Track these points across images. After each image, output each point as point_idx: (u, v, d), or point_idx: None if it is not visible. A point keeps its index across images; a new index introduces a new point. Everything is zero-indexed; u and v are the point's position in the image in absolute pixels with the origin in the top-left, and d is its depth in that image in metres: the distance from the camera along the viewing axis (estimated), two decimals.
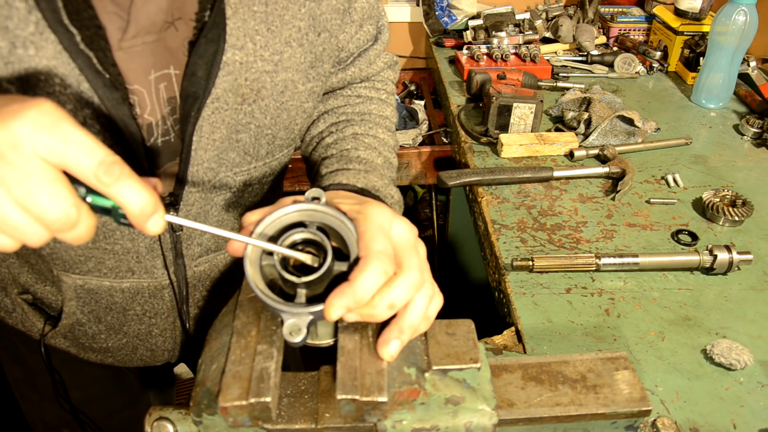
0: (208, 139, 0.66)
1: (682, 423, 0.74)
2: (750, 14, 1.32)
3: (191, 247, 0.77)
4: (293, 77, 0.70)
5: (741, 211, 1.05)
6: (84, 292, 0.77)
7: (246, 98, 0.67)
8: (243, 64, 0.64)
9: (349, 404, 0.50)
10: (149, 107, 0.63)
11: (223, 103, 0.65)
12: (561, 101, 1.42)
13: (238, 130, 0.68)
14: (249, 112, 0.68)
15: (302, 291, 0.51)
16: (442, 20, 1.90)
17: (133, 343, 0.86)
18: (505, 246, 1.02)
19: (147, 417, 0.55)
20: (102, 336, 0.84)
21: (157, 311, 0.82)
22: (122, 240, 0.71)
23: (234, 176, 0.73)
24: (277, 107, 0.70)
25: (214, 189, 0.72)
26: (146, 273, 0.76)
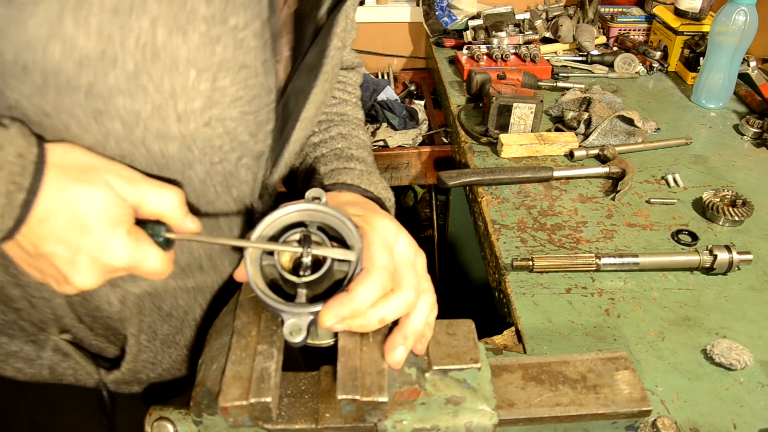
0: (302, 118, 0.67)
1: (682, 423, 0.74)
2: (750, 14, 1.32)
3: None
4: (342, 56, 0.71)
5: (741, 211, 1.05)
6: (148, 299, 0.70)
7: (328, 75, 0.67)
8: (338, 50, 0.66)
9: (350, 404, 0.50)
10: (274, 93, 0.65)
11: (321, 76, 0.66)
12: (561, 101, 1.42)
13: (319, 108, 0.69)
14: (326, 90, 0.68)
15: (302, 291, 0.51)
16: (442, 20, 1.90)
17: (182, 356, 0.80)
18: (505, 246, 1.02)
19: (147, 417, 0.55)
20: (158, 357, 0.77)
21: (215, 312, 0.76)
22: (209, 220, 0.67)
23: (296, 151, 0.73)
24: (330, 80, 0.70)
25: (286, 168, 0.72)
26: (213, 270, 0.73)
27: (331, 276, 0.53)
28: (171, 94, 0.52)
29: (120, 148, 0.54)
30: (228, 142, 0.59)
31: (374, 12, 2.11)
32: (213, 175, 0.61)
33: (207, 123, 0.56)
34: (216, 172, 0.60)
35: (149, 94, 0.52)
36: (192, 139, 0.56)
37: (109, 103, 0.51)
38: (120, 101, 0.51)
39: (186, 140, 0.56)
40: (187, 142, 0.56)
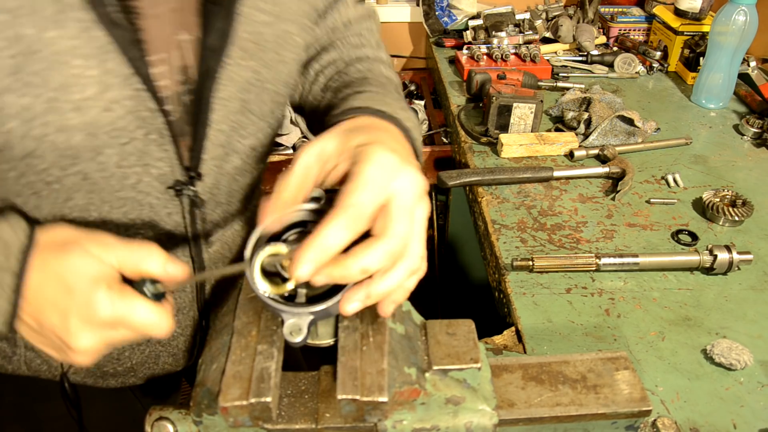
0: (219, 99, 0.65)
1: (682, 423, 0.74)
2: (750, 14, 1.32)
3: (206, 226, 0.75)
4: (290, 28, 0.69)
5: (741, 211, 1.05)
6: None
7: (250, 53, 0.65)
8: (244, 16, 0.63)
9: (350, 404, 0.50)
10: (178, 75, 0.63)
11: (229, 58, 0.63)
12: (561, 101, 1.42)
13: (245, 88, 0.67)
14: (253, 67, 0.66)
15: (302, 291, 0.51)
16: (442, 20, 1.90)
17: (156, 351, 0.83)
18: (505, 246, 1.02)
19: (147, 417, 0.55)
20: (126, 353, 0.81)
21: (179, 307, 0.79)
22: (143, 229, 0.69)
23: (242, 140, 0.72)
24: (278, 60, 0.69)
25: (226, 156, 0.71)
26: None
27: None
28: (62, 86, 0.53)
29: (24, 146, 0.55)
30: (132, 121, 0.59)
31: None
32: (126, 156, 0.61)
33: (106, 108, 0.56)
34: (128, 153, 0.61)
35: (38, 89, 0.53)
36: (95, 125, 0.57)
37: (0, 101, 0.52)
38: (9, 99, 0.52)
39: (89, 128, 0.57)
40: (91, 129, 0.57)
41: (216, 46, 0.62)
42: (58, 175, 0.60)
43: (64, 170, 0.59)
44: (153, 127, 0.61)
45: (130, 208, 0.66)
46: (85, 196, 0.63)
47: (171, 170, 0.66)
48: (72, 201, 0.63)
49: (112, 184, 0.63)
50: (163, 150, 0.63)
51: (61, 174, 0.60)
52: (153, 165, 0.64)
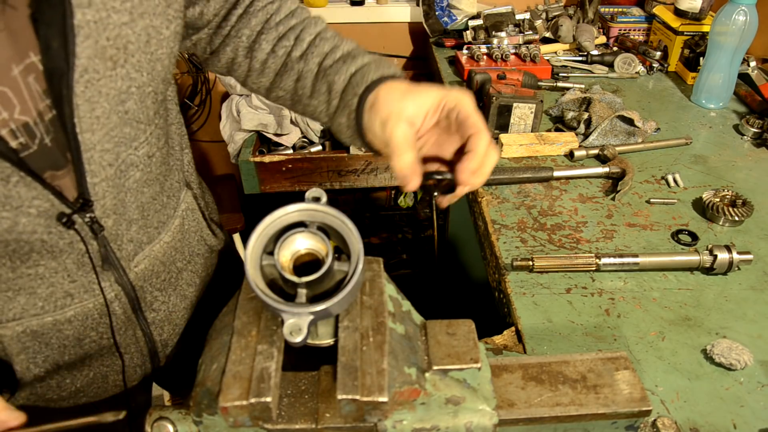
0: (91, 117, 0.60)
1: (682, 423, 0.74)
2: (750, 14, 1.32)
3: (123, 246, 0.72)
4: (153, 22, 0.64)
5: (741, 211, 1.05)
6: (29, 339, 0.70)
7: (116, 60, 0.60)
8: (98, 23, 0.58)
9: (350, 404, 0.50)
10: (19, 106, 0.57)
11: (94, 73, 0.59)
12: (561, 101, 1.42)
13: (122, 99, 0.62)
14: (124, 75, 0.62)
15: (302, 291, 0.51)
16: (442, 20, 1.90)
17: (101, 372, 0.80)
18: (505, 246, 1.02)
19: (147, 417, 0.55)
20: (67, 380, 0.78)
21: (113, 329, 0.76)
22: (43, 260, 0.65)
23: (135, 151, 0.67)
24: (150, 59, 0.64)
25: (121, 173, 0.67)
26: (86, 292, 0.71)
27: (332, 276, 0.53)
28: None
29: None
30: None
31: (374, 12, 2.11)
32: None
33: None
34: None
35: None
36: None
37: None
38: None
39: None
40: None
41: (60, 70, 0.56)
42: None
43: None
44: (10, 170, 0.56)
45: (18, 246, 0.62)
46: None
47: (51, 205, 0.61)
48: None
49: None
50: (32, 189, 0.59)
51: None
52: (27, 206, 0.59)
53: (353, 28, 2.11)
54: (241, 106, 1.95)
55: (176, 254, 0.82)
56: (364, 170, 1.88)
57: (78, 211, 0.64)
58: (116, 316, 0.76)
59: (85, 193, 0.64)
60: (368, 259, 0.58)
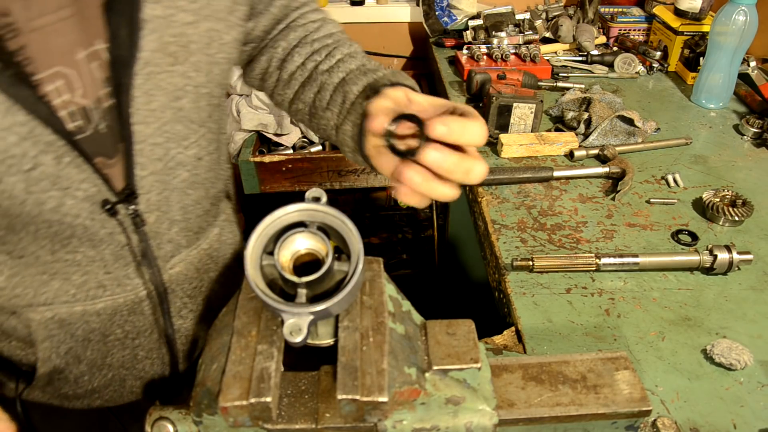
0: (146, 110, 0.62)
1: (682, 423, 0.74)
2: (750, 14, 1.32)
3: (162, 246, 0.72)
4: (216, 26, 0.66)
5: (741, 211, 1.05)
6: (56, 326, 0.70)
7: (177, 57, 0.62)
8: (164, 19, 0.60)
9: (350, 404, 0.50)
10: (81, 90, 0.58)
11: (155, 66, 0.61)
12: (561, 101, 1.42)
13: (177, 96, 0.64)
14: (183, 72, 0.64)
15: (302, 291, 0.51)
16: (442, 20, 1.90)
17: (120, 375, 0.80)
18: (505, 246, 1.02)
19: (147, 417, 0.55)
20: (85, 377, 0.77)
21: (139, 330, 0.76)
22: (82, 247, 0.66)
23: (185, 150, 0.69)
24: (209, 61, 0.66)
25: (169, 170, 0.68)
26: (119, 286, 0.71)
27: (332, 276, 0.53)
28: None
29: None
30: (31, 147, 0.56)
31: (374, 12, 2.11)
32: (35, 182, 0.58)
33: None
34: (37, 179, 0.58)
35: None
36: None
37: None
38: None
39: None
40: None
41: (123, 57, 0.58)
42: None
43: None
44: (63, 150, 0.58)
45: (60, 229, 0.63)
46: (2, 219, 0.60)
47: (98, 191, 0.62)
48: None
49: (27, 210, 0.60)
50: (81, 171, 0.60)
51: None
52: (75, 188, 0.61)
53: (353, 28, 2.11)
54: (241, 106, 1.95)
55: (211, 263, 0.82)
56: (364, 170, 1.88)
57: (123, 201, 0.64)
58: (144, 317, 0.76)
59: (131, 185, 0.65)
60: (368, 259, 0.59)
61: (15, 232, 0.62)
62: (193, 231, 0.77)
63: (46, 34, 0.55)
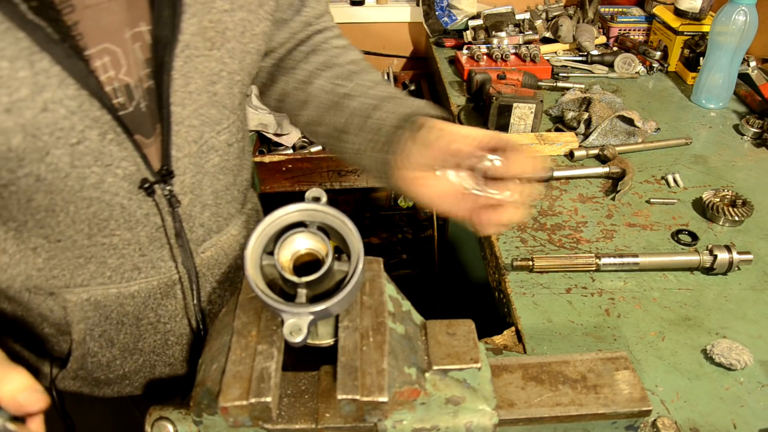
0: (184, 92, 0.64)
1: (682, 423, 0.74)
2: (750, 14, 1.32)
3: (194, 229, 0.74)
4: (248, 17, 0.68)
5: (741, 211, 1.05)
6: (91, 308, 0.72)
7: (214, 42, 0.65)
8: (204, 5, 0.63)
9: (350, 404, 0.50)
10: (125, 67, 0.60)
11: (194, 50, 0.63)
12: (561, 101, 1.42)
13: (213, 80, 0.66)
14: (219, 57, 0.66)
15: (303, 291, 0.51)
16: (442, 20, 1.90)
17: (150, 360, 0.81)
18: (505, 246, 1.02)
19: (147, 417, 0.55)
20: (117, 362, 0.78)
21: (171, 314, 0.78)
22: (119, 230, 0.67)
23: (218, 135, 0.71)
24: (242, 50, 0.69)
25: (202, 153, 0.70)
26: (153, 268, 0.72)
27: (332, 276, 0.53)
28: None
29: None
30: (79, 121, 0.57)
31: (374, 12, 2.11)
32: (80, 156, 0.59)
33: (44, 108, 0.55)
34: (82, 153, 0.59)
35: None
36: (34, 127, 0.55)
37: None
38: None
39: (28, 129, 0.55)
40: (30, 131, 0.55)
41: (165, 38, 0.60)
42: (9, 177, 0.58)
43: (13, 172, 0.58)
44: (108, 126, 0.59)
45: (99, 209, 0.64)
46: (45, 196, 0.61)
47: (137, 169, 0.64)
48: (34, 202, 0.61)
49: (70, 185, 0.61)
50: (123, 149, 0.62)
51: (12, 176, 0.58)
52: (116, 165, 0.62)
53: (353, 28, 2.11)
54: None
55: (239, 250, 0.83)
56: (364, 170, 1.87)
57: (160, 181, 0.66)
58: (176, 301, 0.77)
59: (168, 165, 0.66)
60: (368, 259, 0.58)
61: (54, 214, 0.63)
62: (223, 217, 0.79)
63: (98, 11, 0.57)
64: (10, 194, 0.60)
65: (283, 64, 0.85)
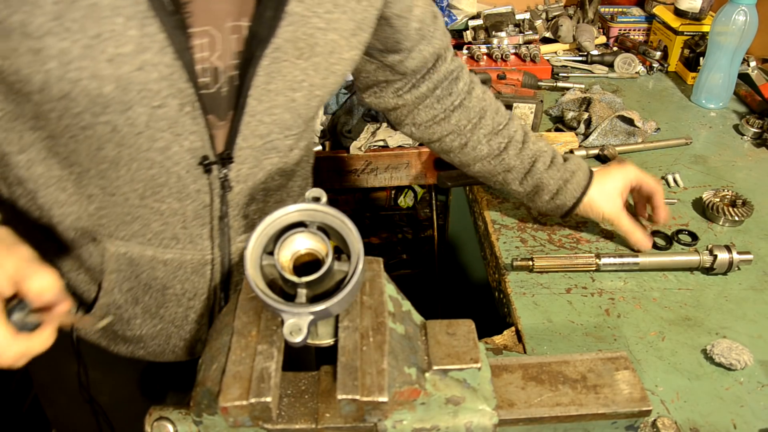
0: (263, 89, 0.68)
1: (682, 423, 0.74)
2: (750, 14, 1.32)
3: (237, 218, 0.77)
4: (339, 41, 0.72)
5: (741, 211, 1.05)
6: (126, 263, 0.76)
7: (303, 52, 0.69)
8: (302, 17, 0.67)
9: (350, 404, 0.50)
10: (220, 52, 0.65)
11: (282, 53, 0.67)
12: (561, 101, 1.42)
13: (293, 87, 0.70)
14: (304, 68, 0.70)
15: (303, 291, 0.51)
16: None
17: (167, 330, 0.84)
18: (505, 246, 1.02)
19: (147, 417, 0.55)
20: (137, 321, 0.82)
21: (196, 291, 0.81)
22: (170, 198, 0.71)
23: (284, 139, 0.74)
24: (327, 68, 0.72)
25: (265, 150, 0.74)
26: (191, 243, 0.76)
27: (332, 276, 0.53)
28: (97, 36, 0.57)
29: (60, 87, 0.59)
30: (165, 87, 0.62)
31: None
32: (157, 119, 0.63)
33: (140, 67, 0.59)
34: (159, 117, 0.63)
35: (76, 35, 0.56)
36: (127, 81, 0.59)
37: (43, 42, 0.56)
38: (50, 41, 0.56)
39: (121, 82, 0.59)
40: (122, 83, 0.59)
41: (261, 35, 0.64)
42: (90, 121, 0.62)
43: (96, 117, 0.62)
44: (188, 99, 0.64)
45: (158, 172, 0.68)
46: (114, 148, 0.65)
47: (202, 146, 0.68)
48: (103, 151, 0.65)
49: (140, 143, 0.65)
50: (195, 123, 0.66)
51: (93, 120, 0.62)
52: (185, 137, 0.66)
53: None
54: None
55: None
56: (364, 170, 1.88)
57: (219, 162, 0.70)
58: (204, 280, 0.80)
59: (231, 151, 0.70)
60: (368, 259, 0.59)
61: (117, 168, 0.67)
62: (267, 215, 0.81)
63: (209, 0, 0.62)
64: (85, 138, 0.64)
65: (431, 111, 0.95)
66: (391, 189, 2.38)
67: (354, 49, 0.75)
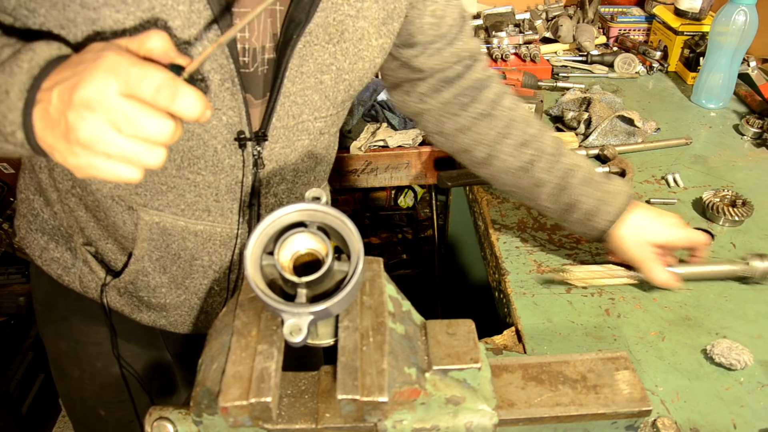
0: (297, 71, 0.71)
1: (682, 423, 0.74)
2: (750, 14, 1.32)
3: (267, 196, 0.79)
4: (369, 28, 0.74)
5: (741, 211, 1.05)
6: (158, 232, 0.78)
7: (332, 37, 0.72)
8: (334, 4, 0.70)
9: (350, 404, 0.50)
10: (257, 33, 0.68)
11: (314, 38, 0.70)
12: (561, 101, 1.42)
13: (322, 70, 0.73)
14: (332, 52, 0.73)
15: (303, 291, 0.51)
16: None
17: (191, 301, 0.87)
18: (505, 246, 1.02)
19: (147, 417, 0.55)
20: (163, 289, 0.85)
21: (221, 264, 0.83)
22: (205, 171, 0.74)
23: (314, 121, 0.77)
24: (355, 53, 0.75)
25: (297, 131, 0.76)
26: (221, 216, 0.78)
27: (332, 276, 0.53)
28: (150, 9, 0.60)
29: None
30: (208, 62, 0.65)
31: None
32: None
33: (187, 41, 0.63)
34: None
35: (130, 7, 0.60)
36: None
37: (99, 13, 0.59)
38: (106, 12, 0.59)
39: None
40: None
41: (299, 19, 0.68)
42: None
43: None
44: (228, 75, 0.67)
45: (196, 144, 0.71)
46: None
47: (239, 121, 0.71)
48: None
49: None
50: (234, 99, 0.69)
51: None
52: (224, 112, 0.69)
53: None
54: None
55: None
56: (364, 170, 1.88)
57: (254, 139, 0.73)
58: (231, 253, 0.83)
59: (265, 129, 0.73)
60: (368, 259, 0.59)
61: None
62: (295, 195, 0.84)
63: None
64: None
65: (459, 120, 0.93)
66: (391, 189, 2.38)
67: (383, 37, 0.77)
